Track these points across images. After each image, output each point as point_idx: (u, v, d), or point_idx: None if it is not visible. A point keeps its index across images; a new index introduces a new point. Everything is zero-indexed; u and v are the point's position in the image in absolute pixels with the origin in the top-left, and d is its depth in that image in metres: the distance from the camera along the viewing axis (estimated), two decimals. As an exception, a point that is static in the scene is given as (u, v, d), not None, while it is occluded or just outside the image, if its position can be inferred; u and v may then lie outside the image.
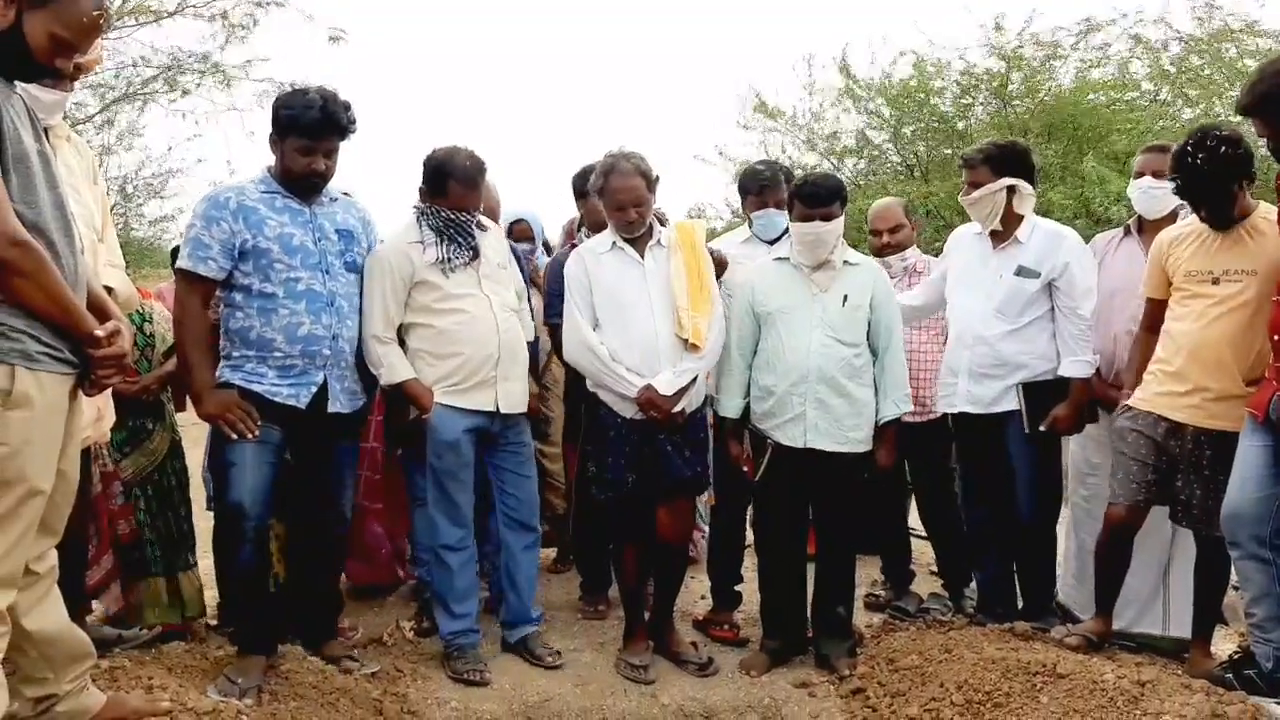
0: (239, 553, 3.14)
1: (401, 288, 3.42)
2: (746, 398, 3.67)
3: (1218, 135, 3.11)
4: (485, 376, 3.48)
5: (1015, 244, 3.73)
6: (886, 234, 4.29)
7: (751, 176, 4.13)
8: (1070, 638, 3.45)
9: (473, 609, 3.65)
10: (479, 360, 3.46)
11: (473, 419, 3.50)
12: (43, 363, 2.10)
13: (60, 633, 2.36)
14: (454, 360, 3.45)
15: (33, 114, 2.22)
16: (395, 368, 3.41)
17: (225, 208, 3.12)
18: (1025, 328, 3.70)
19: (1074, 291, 3.65)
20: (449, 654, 3.61)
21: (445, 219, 3.46)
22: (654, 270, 3.56)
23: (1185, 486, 3.31)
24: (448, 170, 3.46)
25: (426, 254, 3.44)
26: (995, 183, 3.70)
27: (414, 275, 3.42)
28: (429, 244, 3.45)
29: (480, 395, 3.49)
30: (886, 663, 3.54)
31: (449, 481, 3.53)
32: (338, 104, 3.16)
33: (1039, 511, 3.77)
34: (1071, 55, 11.57)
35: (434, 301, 3.45)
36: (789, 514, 3.67)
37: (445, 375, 3.45)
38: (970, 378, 3.76)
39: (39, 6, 2.09)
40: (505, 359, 3.51)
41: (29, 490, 2.08)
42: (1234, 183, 3.15)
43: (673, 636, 3.78)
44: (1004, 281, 3.72)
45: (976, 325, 3.75)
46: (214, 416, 3.09)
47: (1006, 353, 3.70)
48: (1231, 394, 3.17)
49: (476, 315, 3.47)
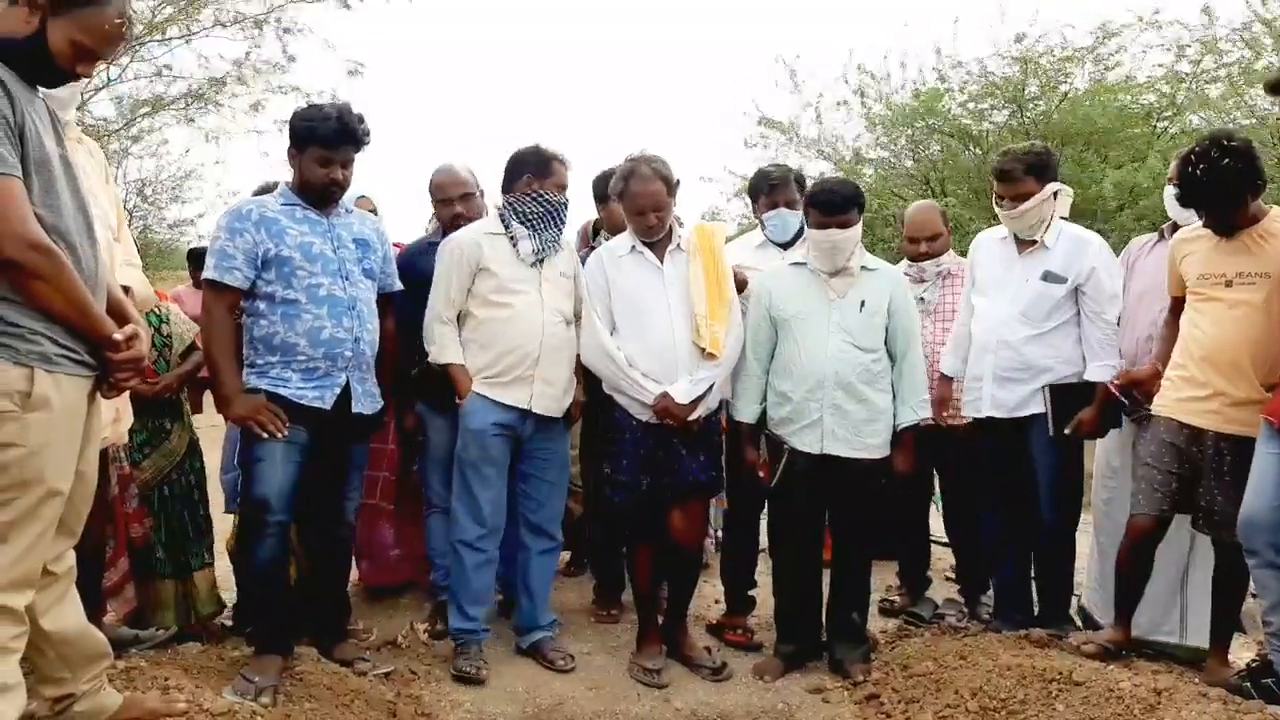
0: (260, 548, 3.19)
1: (467, 273, 3.55)
2: (763, 403, 3.66)
3: (1223, 146, 3.07)
4: (523, 373, 3.54)
5: (1042, 249, 3.71)
6: (925, 242, 4.24)
7: (761, 178, 4.13)
8: (1087, 645, 3.42)
9: (483, 612, 3.68)
10: (519, 356, 3.53)
11: (504, 414, 3.55)
12: (61, 365, 2.12)
13: (78, 633, 2.38)
14: (494, 351, 3.53)
15: (55, 118, 2.25)
16: (446, 348, 3.57)
17: (248, 219, 3.21)
18: (1050, 332, 3.69)
19: (1100, 296, 3.63)
20: (454, 650, 3.64)
21: (548, 202, 3.60)
22: (673, 276, 3.57)
23: (1206, 493, 3.28)
24: (551, 152, 3.67)
25: (520, 247, 3.57)
26: (1043, 191, 3.66)
27: (480, 262, 3.54)
28: (521, 237, 3.57)
29: (516, 391, 3.55)
30: (901, 669, 3.53)
31: (472, 474, 3.57)
32: (353, 117, 3.28)
33: (1060, 515, 3.74)
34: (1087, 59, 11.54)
35: (490, 292, 3.55)
36: (805, 519, 3.66)
37: (486, 365, 3.54)
38: (995, 382, 3.74)
39: (62, 14, 2.11)
40: (546, 360, 3.57)
41: (47, 491, 2.10)
42: (1237, 193, 3.12)
43: (686, 640, 3.78)
44: (1030, 286, 3.70)
45: (1001, 330, 3.73)
46: (244, 418, 3.17)
47: (1031, 357, 3.68)
48: (1251, 398, 3.15)
49: (524, 313, 3.56)
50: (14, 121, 2.03)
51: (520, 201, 3.60)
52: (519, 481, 3.72)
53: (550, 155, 3.68)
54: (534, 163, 3.66)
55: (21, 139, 2.05)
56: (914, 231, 4.31)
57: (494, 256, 3.55)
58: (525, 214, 3.58)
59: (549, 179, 3.65)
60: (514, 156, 3.71)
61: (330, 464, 3.38)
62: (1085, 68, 11.58)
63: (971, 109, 12.04)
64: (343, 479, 3.48)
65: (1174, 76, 11.23)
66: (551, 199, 3.62)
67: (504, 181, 3.72)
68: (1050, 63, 11.45)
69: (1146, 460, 3.38)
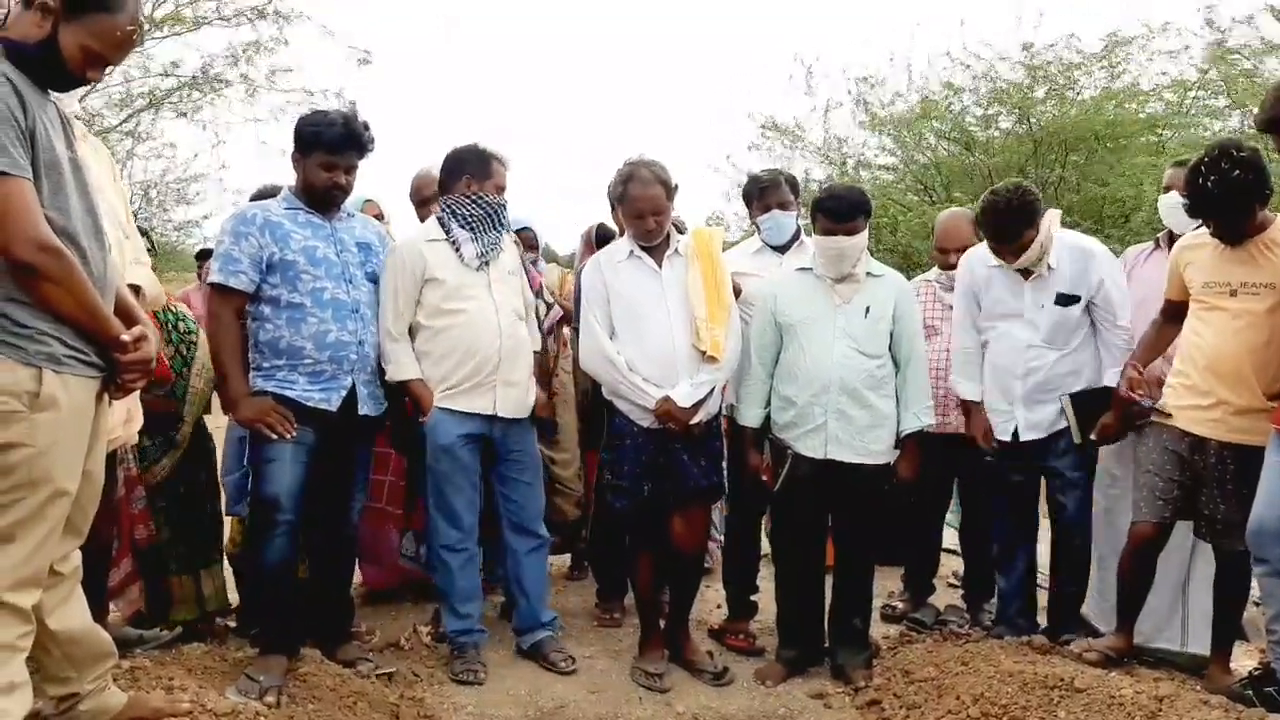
0: (269, 548, 3.22)
1: (413, 285, 3.49)
2: (767, 408, 3.67)
3: (1232, 157, 3.07)
4: (484, 379, 3.53)
5: (1047, 271, 3.64)
6: (955, 253, 4.12)
7: (752, 182, 4.13)
8: (1090, 653, 3.42)
9: (477, 609, 3.69)
10: (478, 362, 3.51)
11: (470, 424, 3.54)
12: (69, 365, 2.14)
13: (83, 633, 2.39)
14: (453, 360, 3.50)
15: (65, 121, 2.26)
16: (403, 365, 3.49)
17: (252, 224, 3.25)
18: (1075, 350, 3.67)
19: (1111, 305, 3.62)
20: (451, 654, 3.65)
21: (487, 205, 3.57)
22: (671, 280, 3.57)
23: (1209, 501, 3.29)
24: (490, 152, 3.63)
25: (463, 251, 3.52)
26: (1039, 231, 3.56)
27: (425, 273, 3.49)
28: (463, 241, 3.54)
29: (479, 398, 3.54)
30: (902, 674, 3.53)
31: (445, 485, 3.57)
32: (358, 124, 3.32)
33: (1079, 518, 3.73)
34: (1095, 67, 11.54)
35: (440, 301, 3.50)
36: (808, 524, 3.66)
37: (445, 376, 3.51)
38: (1026, 406, 3.70)
39: (74, 20, 2.13)
40: (506, 363, 3.56)
41: (55, 491, 2.11)
42: (1246, 204, 3.12)
43: (688, 645, 3.78)
44: (1047, 312, 3.65)
45: (1028, 355, 3.68)
46: (251, 420, 3.20)
47: (1059, 376, 3.66)
48: (1254, 407, 3.15)
49: (479, 317, 3.53)
50: (25, 124, 2.05)
51: (459, 204, 3.58)
52: (497, 484, 3.71)
53: (490, 155, 3.65)
54: (473, 163, 3.63)
55: (32, 141, 2.07)
56: (944, 242, 4.26)
57: (438, 264, 3.51)
58: (465, 217, 3.57)
59: (488, 180, 3.62)
60: (451, 155, 3.67)
61: (336, 466, 3.40)
62: (1094, 76, 11.59)
63: (978, 115, 12.04)
64: (348, 481, 3.50)
65: (1181, 84, 11.24)
66: (490, 201, 3.60)
67: (441, 181, 3.69)
68: (1058, 69, 11.46)
69: (1148, 468, 3.38)
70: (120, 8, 2.18)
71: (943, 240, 4.29)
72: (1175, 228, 3.77)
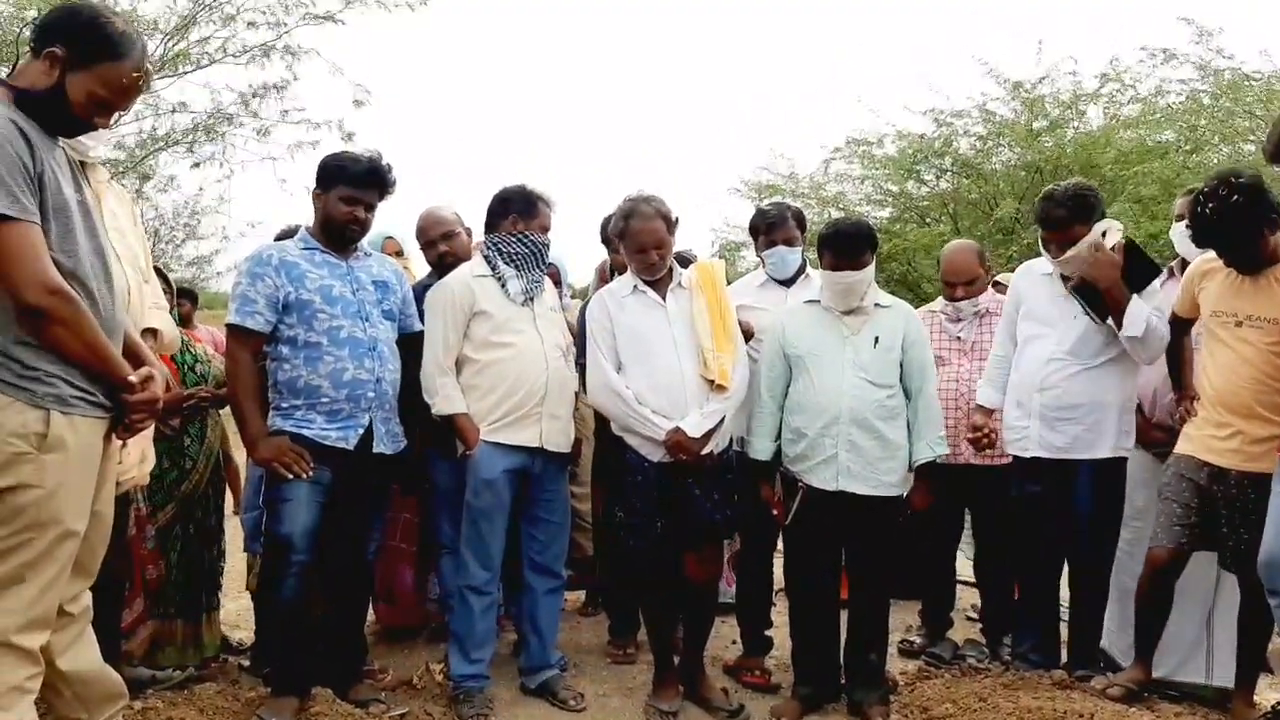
0: (283, 587, 3.23)
1: (462, 319, 3.54)
2: (778, 440, 3.65)
3: (1231, 184, 3.06)
4: (531, 411, 3.54)
5: None
6: (962, 287, 4.16)
7: (759, 217, 4.13)
8: (1112, 689, 3.38)
9: (488, 655, 3.67)
10: (526, 394, 3.53)
11: (514, 458, 3.54)
12: (77, 407, 2.15)
13: (94, 673, 2.39)
14: (500, 391, 3.52)
15: (74, 166, 2.30)
16: (451, 399, 3.52)
17: (269, 264, 3.28)
18: (1100, 368, 3.62)
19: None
20: (456, 696, 3.59)
21: (532, 242, 3.63)
22: (676, 312, 3.57)
23: (1232, 531, 3.25)
24: (537, 193, 3.71)
25: (509, 287, 3.58)
26: (1093, 230, 3.56)
27: (474, 306, 3.54)
28: (509, 278, 3.59)
29: (525, 431, 3.55)
30: (920, 711, 3.47)
31: (483, 522, 3.56)
32: (382, 165, 3.40)
33: (1097, 553, 3.69)
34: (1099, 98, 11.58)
35: (489, 334, 3.54)
36: (821, 558, 3.62)
37: (491, 409, 3.52)
38: (1043, 423, 3.69)
39: (81, 69, 2.18)
40: (553, 396, 3.58)
41: (63, 532, 2.12)
42: (1248, 230, 3.10)
43: (703, 682, 3.73)
44: (1078, 323, 3.65)
45: (1049, 369, 3.67)
46: (268, 460, 3.22)
47: (1080, 396, 3.62)
48: (1274, 435, 3.13)
49: (526, 350, 3.56)
50: (33, 170, 2.08)
51: (505, 242, 3.63)
52: (525, 524, 3.71)
53: (536, 196, 3.72)
54: (519, 203, 3.69)
55: (40, 185, 2.10)
56: (950, 275, 4.25)
57: (486, 298, 3.56)
58: (511, 254, 3.62)
59: (534, 220, 3.69)
60: (500, 195, 3.73)
61: (352, 505, 3.40)
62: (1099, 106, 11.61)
63: (980, 148, 12.07)
64: (364, 520, 3.50)
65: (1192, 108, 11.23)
66: (535, 239, 3.66)
67: (488, 220, 3.74)
68: (1054, 106, 11.51)
69: (1165, 494, 3.36)
70: (126, 55, 2.22)
71: (948, 273, 4.27)
72: (1187, 256, 3.75)
